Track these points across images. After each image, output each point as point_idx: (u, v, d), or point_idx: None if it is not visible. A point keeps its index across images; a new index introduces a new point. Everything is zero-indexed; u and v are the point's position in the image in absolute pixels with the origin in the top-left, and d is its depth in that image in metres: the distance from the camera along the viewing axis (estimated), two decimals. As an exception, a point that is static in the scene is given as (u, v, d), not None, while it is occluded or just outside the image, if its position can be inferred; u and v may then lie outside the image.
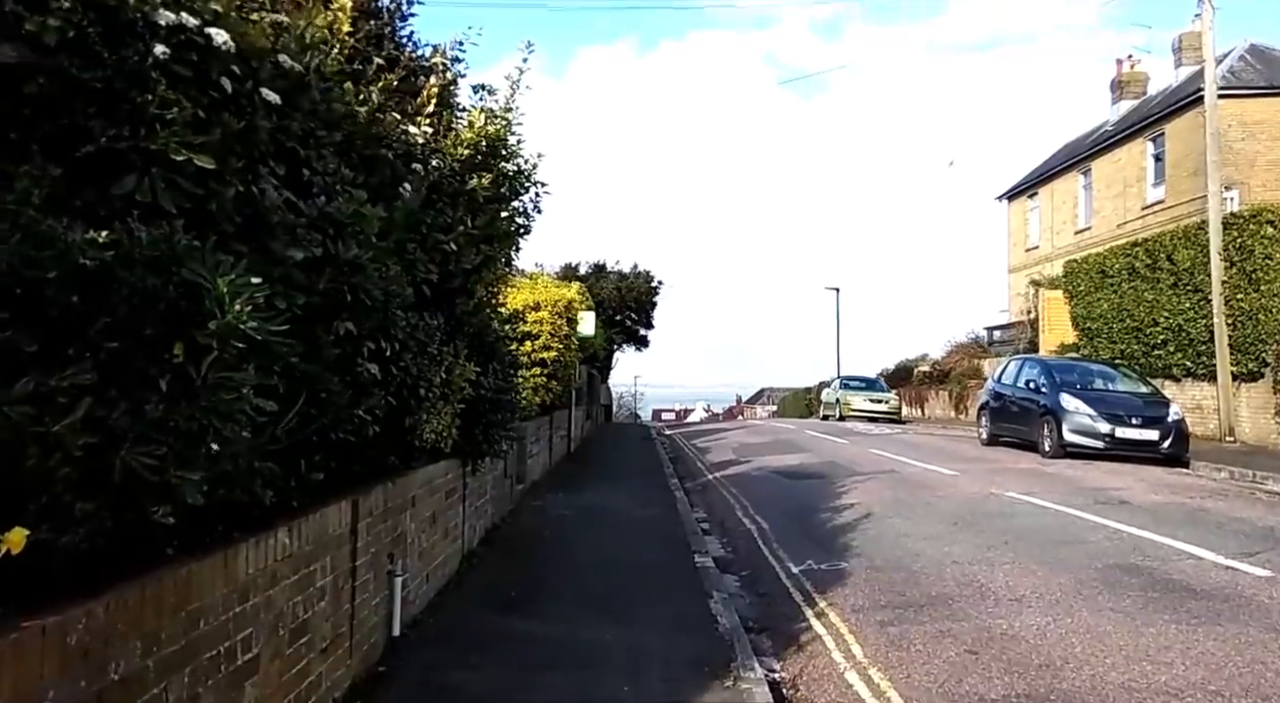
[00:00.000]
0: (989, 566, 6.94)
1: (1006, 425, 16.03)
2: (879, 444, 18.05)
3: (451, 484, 6.44)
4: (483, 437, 6.68)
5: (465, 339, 6.00)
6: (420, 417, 5.32)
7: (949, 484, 11.45)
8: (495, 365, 6.88)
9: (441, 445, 6.04)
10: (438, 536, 5.99)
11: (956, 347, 32.31)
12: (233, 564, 2.87)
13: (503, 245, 5.84)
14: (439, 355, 5.36)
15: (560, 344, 11.63)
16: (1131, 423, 13.62)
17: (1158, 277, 17.76)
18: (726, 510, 10.72)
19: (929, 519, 9.02)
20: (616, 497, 11.23)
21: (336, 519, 3.93)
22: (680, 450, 20.42)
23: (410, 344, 4.64)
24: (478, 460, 7.13)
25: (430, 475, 5.78)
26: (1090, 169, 31.75)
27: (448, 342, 5.53)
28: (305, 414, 3.55)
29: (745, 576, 7.38)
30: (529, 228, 6.36)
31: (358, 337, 3.70)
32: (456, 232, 4.87)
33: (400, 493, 5.04)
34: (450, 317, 5.46)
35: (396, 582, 4.78)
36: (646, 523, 9.43)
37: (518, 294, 11.58)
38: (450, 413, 6.03)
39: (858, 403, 28.43)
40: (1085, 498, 10.05)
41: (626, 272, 32.02)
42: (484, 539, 7.81)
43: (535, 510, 9.84)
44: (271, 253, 2.87)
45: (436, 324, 5.10)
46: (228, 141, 2.56)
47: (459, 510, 6.76)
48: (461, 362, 5.89)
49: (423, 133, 4.69)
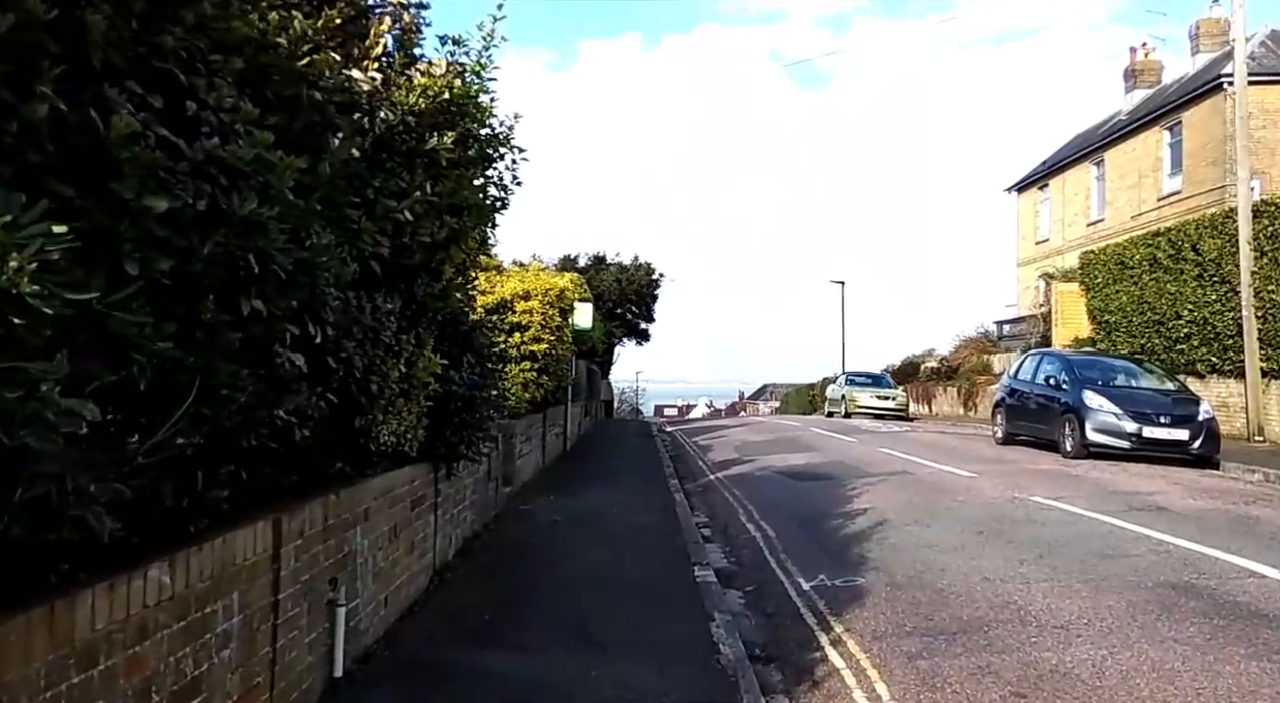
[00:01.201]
0: (1025, 583, 6.18)
1: (1024, 423, 15.26)
2: (888, 442, 17.29)
3: (418, 492, 5.69)
4: (456, 438, 5.93)
5: (431, 327, 5.24)
6: (373, 416, 4.58)
7: (968, 487, 10.69)
8: (470, 357, 6.13)
9: (405, 448, 5.30)
10: (399, 551, 5.24)
11: (965, 342, 31.52)
12: (63, 622, 2.12)
13: (475, 219, 5.09)
14: (396, 345, 4.61)
15: (552, 336, 10.87)
16: (1159, 421, 12.84)
17: (1182, 268, 16.96)
18: (729, 515, 9.97)
19: (951, 527, 8.26)
20: (613, 499, 10.49)
21: (249, 545, 3.19)
22: (681, 448, 19.66)
23: (354, 331, 3.89)
24: (452, 464, 6.39)
25: (389, 483, 5.03)
26: (1103, 160, 30.91)
27: (408, 329, 4.78)
28: (198, 416, 2.80)
29: (751, 591, 6.63)
30: (506, 201, 5.60)
31: (270, 319, 2.95)
32: (412, 198, 4.11)
33: (347, 506, 4.29)
34: (410, 300, 4.71)
35: (340, 612, 4.04)
36: (644, 529, 8.68)
37: (506, 283, 10.84)
38: (416, 411, 5.29)
39: (864, 399, 27.66)
40: (1118, 503, 9.28)
41: (627, 264, 31.27)
42: (462, 550, 7.06)
43: (523, 516, 9.10)
44: (116, 199, 2.12)
45: (391, 308, 4.35)
46: (30, 34, 1.81)
47: (429, 521, 6.02)
48: (427, 353, 5.14)
49: (369, 80, 3.93)
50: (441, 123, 4.47)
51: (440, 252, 4.89)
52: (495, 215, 5.45)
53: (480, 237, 5.50)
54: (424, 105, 4.18)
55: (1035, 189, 35.55)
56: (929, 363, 33.65)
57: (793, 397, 60.00)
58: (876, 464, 13.45)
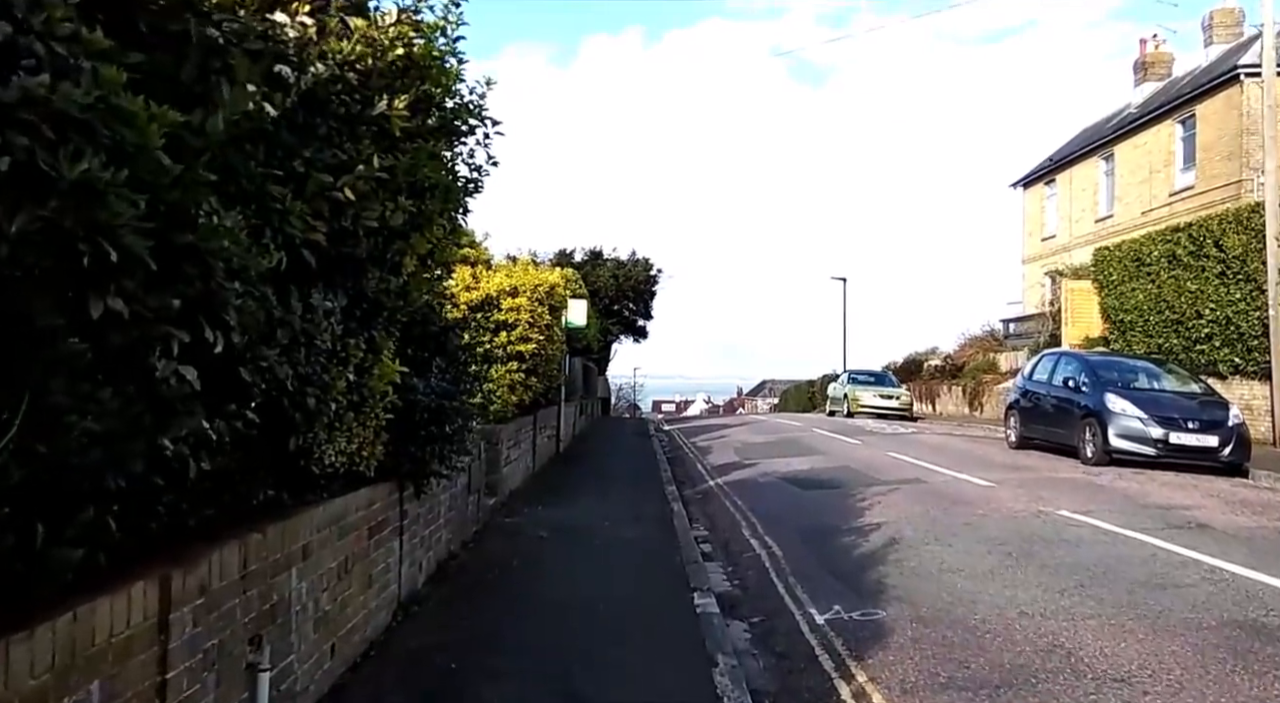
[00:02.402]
0: (1070, 620, 5.45)
1: (1040, 428, 14.53)
2: (895, 446, 16.57)
3: (379, 517, 4.96)
4: (424, 453, 5.20)
5: (390, 329, 4.50)
6: (314, 435, 3.85)
7: (987, 498, 9.96)
8: (440, 362, 5.39)
9: (360, 468, 4.58)
10: (352, 589, 4.50)
11: (970, 340, 30.81)
12: None
13: (441, 202, 4.34)
14: (343, 351, 3.87)
15: (541, 335, 10.12)
16: (1187, 427, 12.11)
17: (1203, 264, 16.23)
18: (731, 528, 9.25)
19: (975, 547, 7.53)
20: (606, 509, 9.76)
21: (120, 614, 2.45)
22: (679, 450, 18.95)
23: (277, 335, 3.15)
24: (423, 482, 5.65)
25: (339, 511, 4.30)
26: (1113, 154, 30.18)
27: (358, 331, 4.04)
28: (25, 452, 2.07)
29: (757, 624, 5.91)
30: (479, 182, 4.86)
31: (138, 322, 2.21)
32: (355, 173, 3.36)
33: (277, 544, 3.55)
34: (359, 297, 3.96)
35: (263, 679, 3.30)
36: (638, 546, 7.96)
37: (492, 278, 10.09)
38: (372, 426, 4.55)
39: (867, 399, 26.92)
40: (1153, 520, 8.56)
41: (624, 259, 30.48)
42: (435, 575, 6.33)
43: (507, 531, 8.37)
44: None
45: (332, 307, 3.61)
46: None
47: (392, 547, 5.28)
48: (384, 360, 4.41)
49: (298, 26, 3.18)
50: (397, 87, 3.72)
51: (398, 240, 4.14)
52: (467, 199, 4.70)
53: (450, 224, 4.75)
54: (370, 61, 3.43)
55: (1041, 184, 34.80)
56: (932, 362, 32.93)
57: (792, 394, 59.30)
58: (885, 471, 12.72)
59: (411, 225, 4.19)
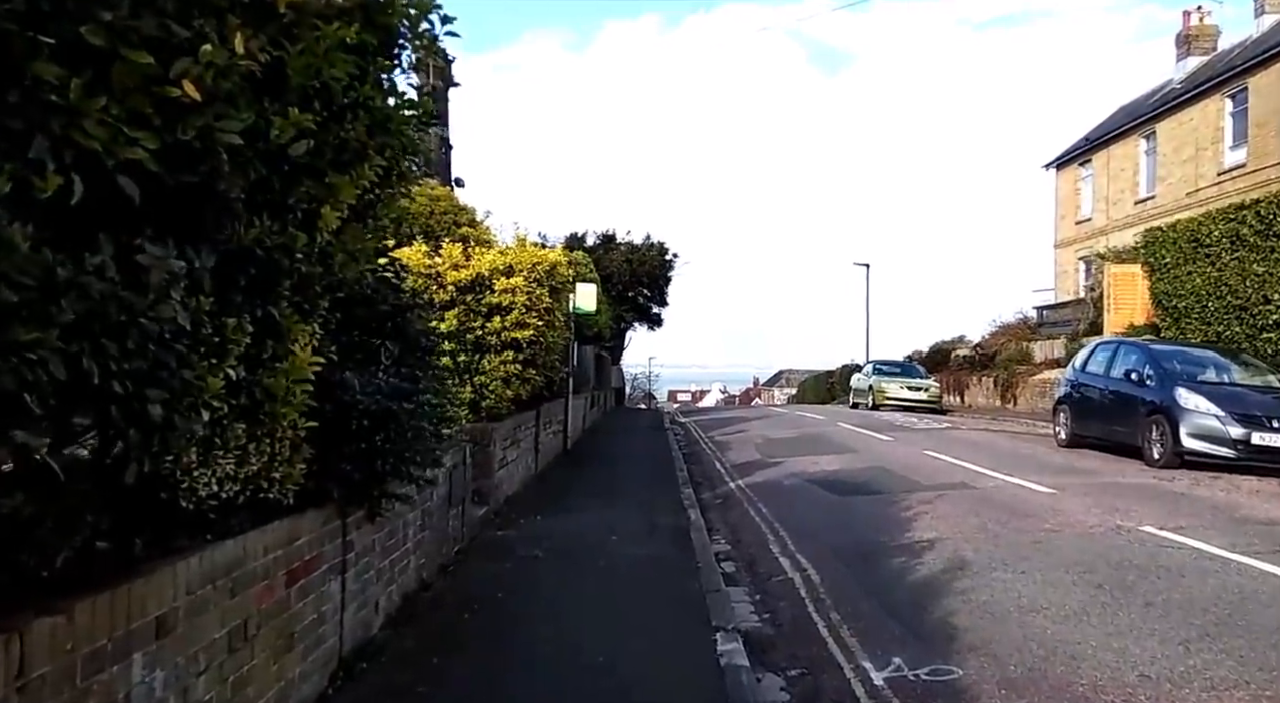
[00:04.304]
0: (1211, 691, 4.17)
1: (1095, 424, 13.17)
2: (931, 442, 15.27)
3: (304, 555, 3.75)
4: (365, 470, 3.98)
5: (307, 306, 3.28)
6: (174, 457, 2.65)
7: (1052, 509, 8.67)
8: (391, 349, 4.17)
9: (269, 494, 3.39)
10: (257, 659, 3.30)
11: (1002, 328, 29.35)
12: None
13: (378, 130, 3.12)
14: (214, 336, 2.66)
15: (540, 321, 8.89)
16: (1272, 426, 10.72)
17: (1272, 245, 14.76)
18: (757, 542, 8.02)
19: (1054, 574, 6.25)
20: (614, 519, 8.57)
21: None
22: (696, 444, 17.72)
23: (53, 313, 1.95)
24: (380, 503, 4.45)
25: (229, 558, 3.10)
26: (1154, 132, 28.55)
27: (244, 307, 2.82)
28: None
29: (796, 679, 4.68)
30: (427, 108, 3.62)
31: None
32: (201, 55, 2.14)
33: (106, 623, 2.36)
34: (240, 258, 2.73)
35: None
36: (648, 569, 6.75)
37: (484, 256, 8.88)
38: (285, 438, 3.36)
39: (894, 390, 25.52)
40: (1260, 539, 7.24)
41: (638, 243, 29.20)
42: (399, 614, 5.13)
43: (497, 549, 7.17)
44: None
45: (179, 269, 2.38)
46: None
47: (330, 591, 4.09)
48: (297, 350, 3.20)
49: None
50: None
51: (305, 179, 2.92)
52: (416, 130, 3.46)
53: (395, 166, 3.52)
54: None
55: (1076, 165, 33.18)
56: (960, 351, 31.49)
57: (810, 384, 57.84)
58: (926, 472, 11.44)
59: (325, 158, 2.97)
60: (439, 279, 8.40)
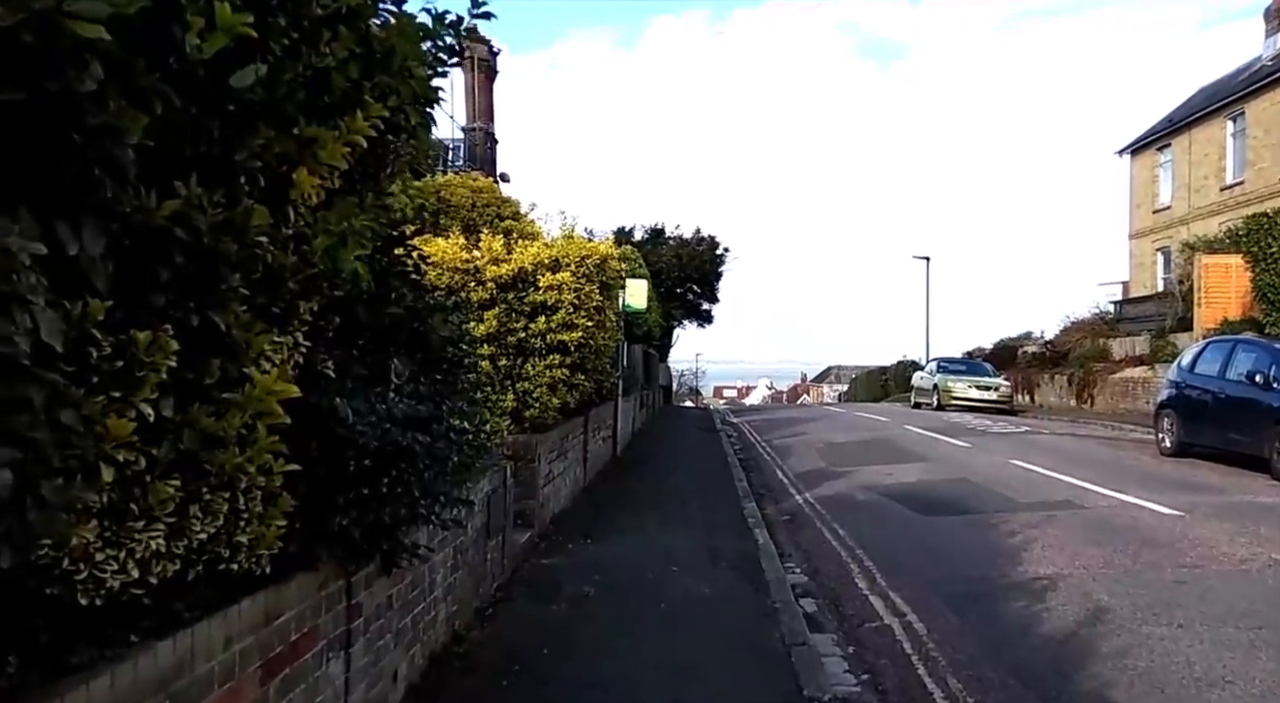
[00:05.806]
0: None
1: (1208, 431, 11.78)
2: (1013, 449, 13.98)
3: (290, 634, 2.83)
4: (363, 525, 3.04)
5: (275, 309, 2.35)
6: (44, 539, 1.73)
7: (1186, 538, 7.44)
8: (401, 366, 3.22)
9: (237, 565, 2.48)
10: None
11: (1075, 323, 27.62)
12: None
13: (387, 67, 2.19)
14: (112, 355, 1.74)
15: (589, 320, 7.93)
16: None
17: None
18: (839, 575, 6.96)
19: (1223, 631, 5.09)
20: (671, 543, 7.60)
21: None
22: (751, 450, 16.65)
23: None
24: (393, 559, 3.52)
25: (164, 667, 2.17)
26: (1243, 112, 26.57)
27: (164, 313, 1.89)
28: None
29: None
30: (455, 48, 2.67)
31: None
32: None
33: None
34: (155, 237, 1.80)
35: None
36: (717, 611, 5.76)
37: (527, 249, 7.94)
38: (256, 490, 2.44)
39: (960, 390, 24.05)
40: None
41: (688, 237, 28.14)
42: (421, 685, 4.19)
43: (541, 584, 6.23)
44: None
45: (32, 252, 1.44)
46: None
47: (330, 673, 3.16)
48: (266, 370, 2.27)
49: None
50: None
51: (263, 126, 1.98)
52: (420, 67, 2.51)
53: (402, 120, 2.57)
54: None
55: (1153, 150, 31.22)
56: (1029, 348, 29.81)
57: (862, 382, 56.13)
58: (1019, 487, 10.23)
59: (295, 98, 2.03)
60: (477, 274, 7.50)
